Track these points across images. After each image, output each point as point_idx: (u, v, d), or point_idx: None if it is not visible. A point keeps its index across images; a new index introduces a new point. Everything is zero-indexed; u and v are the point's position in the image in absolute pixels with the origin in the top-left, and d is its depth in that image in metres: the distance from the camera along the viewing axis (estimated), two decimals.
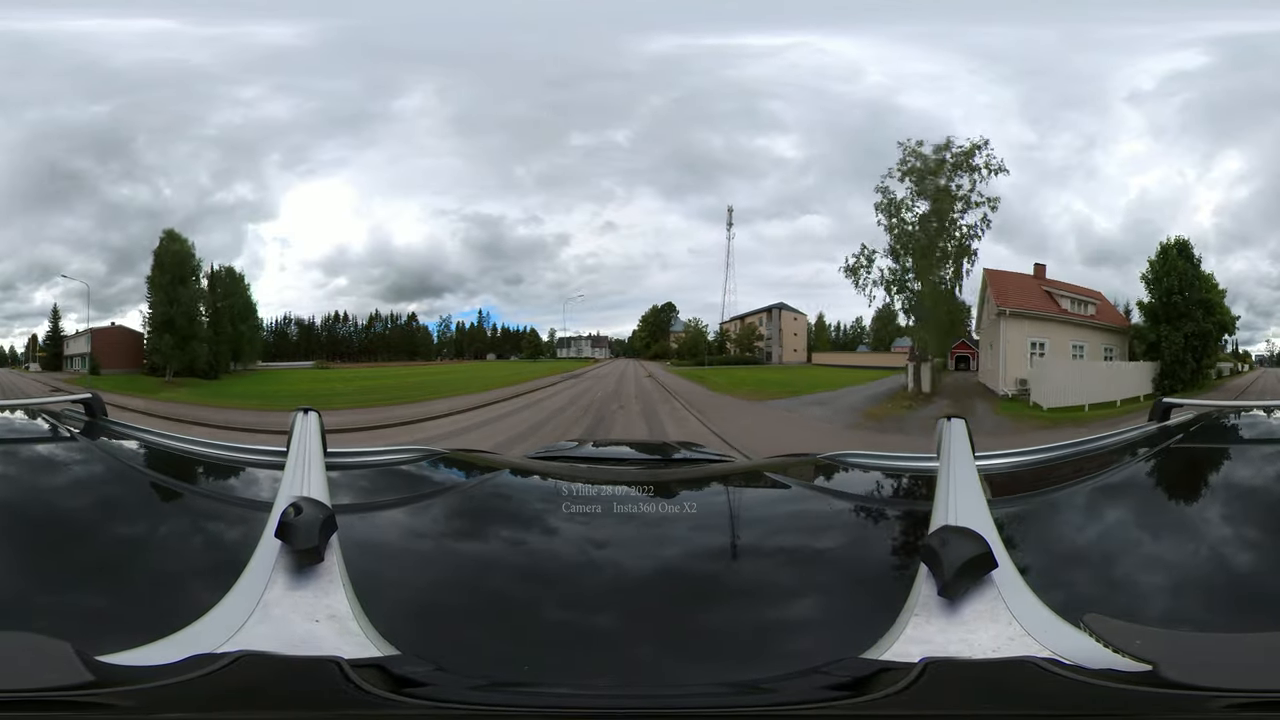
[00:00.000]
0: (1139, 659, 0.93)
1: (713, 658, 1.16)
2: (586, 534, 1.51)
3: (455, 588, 1.37)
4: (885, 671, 0.96)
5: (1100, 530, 1.45)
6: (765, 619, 1.27)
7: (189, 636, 1.01)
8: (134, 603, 1.19)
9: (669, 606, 1.30)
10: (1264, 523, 1.39)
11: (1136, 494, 1.62)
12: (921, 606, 1.08)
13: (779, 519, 1.74)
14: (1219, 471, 1.72)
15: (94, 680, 0.87)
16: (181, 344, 12.45)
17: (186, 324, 12.36)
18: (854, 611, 1.25)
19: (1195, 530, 1.41)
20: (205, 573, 1.24)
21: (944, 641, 1.03)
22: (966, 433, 1.54)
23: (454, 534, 1.62)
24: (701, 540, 1.55)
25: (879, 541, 1.54)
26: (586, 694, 1.06)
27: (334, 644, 1.03)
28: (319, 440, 1.54)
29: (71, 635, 0.91)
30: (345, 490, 1.62)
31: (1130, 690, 0.90)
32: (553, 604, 1.31)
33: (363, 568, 1.19)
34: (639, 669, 1.15)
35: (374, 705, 0.90)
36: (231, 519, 1.48)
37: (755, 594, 1.35)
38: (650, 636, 1.22)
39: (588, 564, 1.45)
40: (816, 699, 0.95)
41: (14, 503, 1.49)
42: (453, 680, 0.98)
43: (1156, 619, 1.15)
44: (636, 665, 1.16)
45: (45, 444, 1.82)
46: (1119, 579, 1.28)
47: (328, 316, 20.53)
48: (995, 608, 1.06)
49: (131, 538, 1.44)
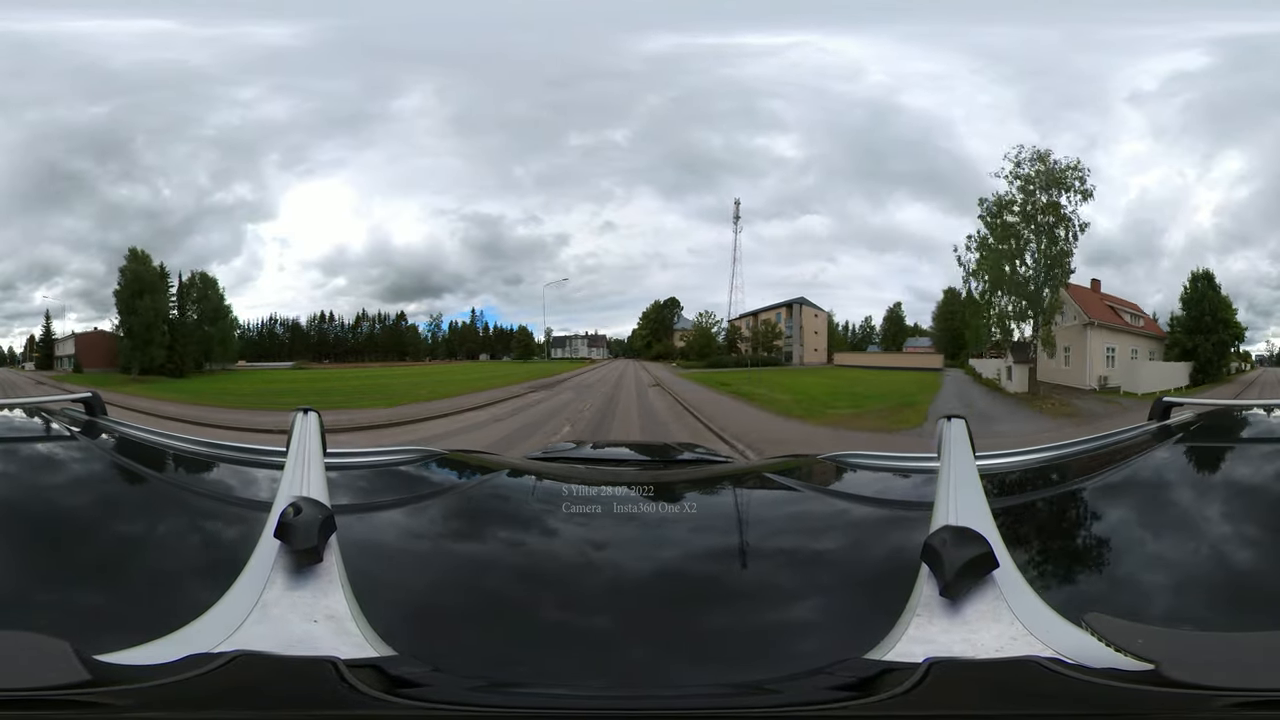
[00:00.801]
0: (1141, 658, 0.93)
1: (713, 659, 1.16)
2: (586, 535, 1.51)
3: (453, 588, 1.36)
4: (890, 672, 0.96)
5: (1101, 529, 1.45)
6: (766, 620, 1.26)
7: (187, 636, 1.01)
8: (133, 602, 1.19)
9: (669, 608, 1.30)
10: (1264, 521, 1.39)
11: (1137, 493, 1.62)
12: (924, 607, 1.07)
13: (780, 520, 1.74)
14: (1219, 470, 1.72)
15: (92, 679, 0.87)
16: (141, 347, 14.43)
17: (143, 331, 14.34)
18: (855, 612, 1.25)
19: (1196, 529, 1.40)
20: (204, 572, 1.24)
21: (947, 642, 1.03)
22: (967, 433, 1.54)
23: (453, 535, 1.61)
24: (702, 541, 1.55)
25: (880, 542, 1.54)
26: (584, 695, 1.06)
27: (332, 644, 1.03)
28: (318, 440, 1.54)
29: (70, 634, 0.91)
30: (344, 491, 1.62)
31: (1133, 689, 0.89)
32: (551, 605, 1.30)
33: (361, 568, 1.18)
34: (638, 670, 1.15)
35: (369, 706, 0.90)
36: (231, 518, 1.48)
37: (756, 595, 1.35)
38: (650, 638, 1.22)
39: (587, 565, 1.44)
40: (822, 700, 0.95)
41: (14, 501, 1.49)
42: (449, 681, 0.98)
43: (1158, 618, 1.15)
44: (635, 666, 1.16)
45: (45, 442, 1.82)
46: (1120, 578, 1.28)
47: (313, 317, 20.70)
48: (997, 607, 1.06)
49: (131, 536, 1.44)
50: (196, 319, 15.27)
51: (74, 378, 15.08)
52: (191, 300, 15.31)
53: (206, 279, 15.44)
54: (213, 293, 15.51)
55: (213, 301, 15.45)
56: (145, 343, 14.47)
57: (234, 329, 16.54)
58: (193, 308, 15.30)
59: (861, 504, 1.74)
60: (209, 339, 15.40)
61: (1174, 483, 1.66)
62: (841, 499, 1.78)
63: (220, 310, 15.57)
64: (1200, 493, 1.58)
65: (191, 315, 15.33)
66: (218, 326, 15.47)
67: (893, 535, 1.49)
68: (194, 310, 15.26)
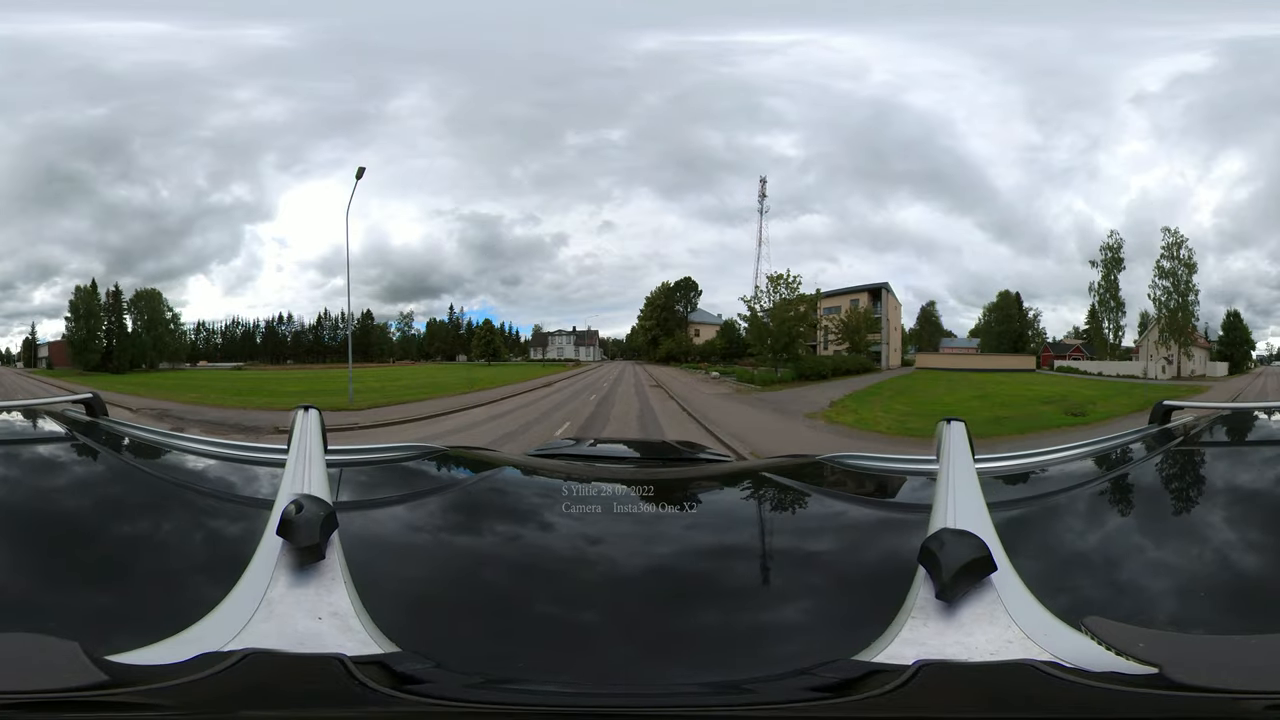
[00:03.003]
0: (1143, 662, 0.92)
1: (707, 659, 1.16)
2: (585, 532, 1.52)
3: (454, 585, 1.37)
4: (876, 673, 0.96)
5: (1101, 533, 1.46)
6: (760, 620, 1.27)
7: (195, 635, 1.02)
8: (139, 602, 1.20)
9: (665, 607, 1.31)
10: (1264, 525, 1.38)
11: (1137, 496, 1.63)
12: (918, 609, 1.07)
13: (777, 520, 1.75)
14: (1220, 474, 1.72)
15: (107, 680, 0.87)
16: (81, 353, 19.47)
17: (81, 341, 19.44)
18: (849, 613, 1.25)
19: (1196, 533, 1.41)
20: (208, 570, 1.25)
21: (940, 644, 1.03)
22: (966, 435, 1.54)
23: (453, 531, 1.62)
24: (700, 540, 1.56)
25: (876, 543, 1.54)
26: (578, 692, 1.06)
27: (336, 641, 1.04)
28: (319, 438, 1.54)
29: (78, 635, 0.91)
30: (346, 488, 1.63)
31: (1136, 693, 0.89)
32: (550, 602, 1.31)
33: (363, 565, 1.19)
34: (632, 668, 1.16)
35: (380, 703, 0.91)
36: (233, 516, 1.48)
37: (750, 595, 1.35)
38: (645, 636, 1.22)
39: (586, 563, 1.45)
40: (798, 699, 0.95)
41: (18, 503, 1.49)
42: (451, 677, 0.99)
43: (1159, 622, 1.15)
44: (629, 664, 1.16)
45: (46, 444, 1.82)
46: (1120, 582, 1.28)
47: (270, 319, 21.32)
48: (994, 610, 1.06)
49: (134, 536, 1.44)
50: (133, 329, 19.90)
51: (47, 372, 20.26)
52: (134, 314, 19.95)
53: (151, 295, 20.02)
54: (156, 306, 19.97)
55: (153, 314, 19.81)
56: (84, 349, 19.65)
57: (178, 335, 20.80)
58: (137, 321, 19.85)
59: (859, 505, 1.74)
60: (144, 344, 19.94)
61: (1174, 486, 1.66)
62: (839, 500, 1.79)
63: (159, 320, 19.90)
64: (1201, 496, 1.58)
65: (138, 326, 19.91)
66: (152, 334, 19.83)
67: (890, 537, 1.49)
68: (137, 322, 19.83)
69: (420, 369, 21.59)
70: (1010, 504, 1.49)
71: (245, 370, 21.56)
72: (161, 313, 20.03)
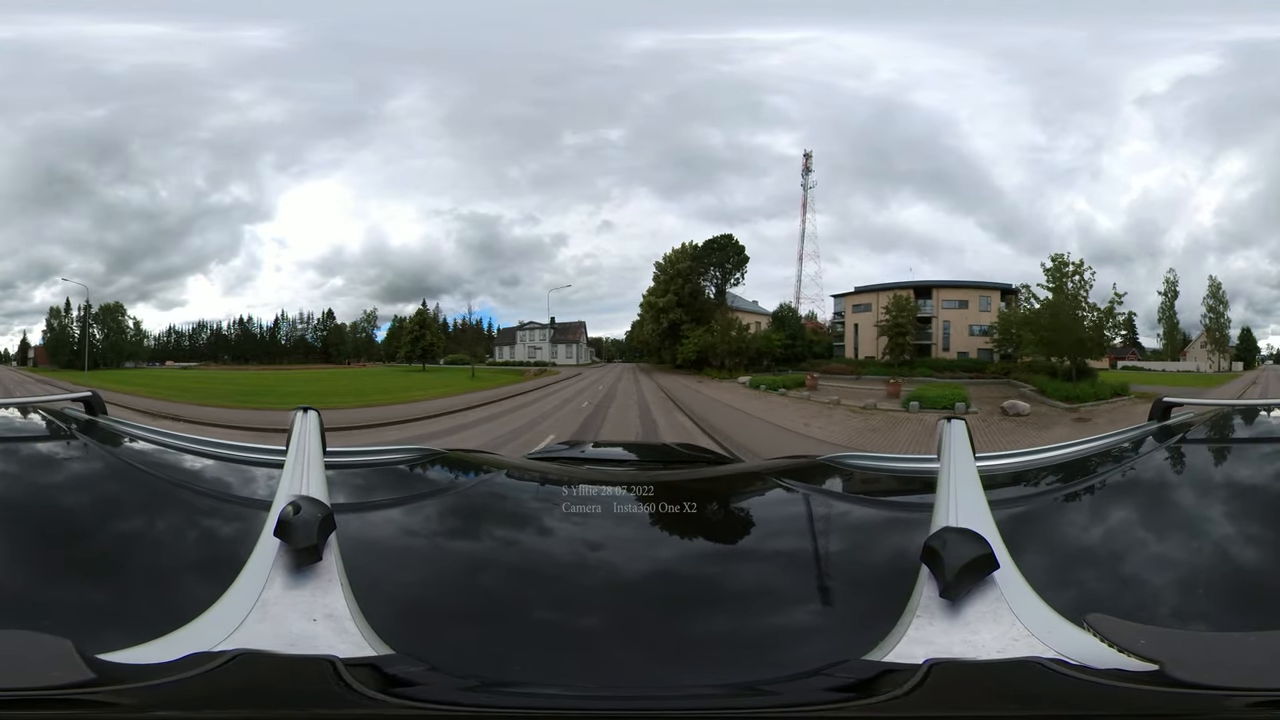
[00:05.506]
0: (1145, 658, 0.92)
1: (710, 660, 1.15)
2: (584, 535, 1.51)
3: (451, 587, 1.36)
4: (890, 673, 0.96)
5: (1102, 530, 1.45)
6: (764, 621, 1.26)
7: (188, 634, 1.01)
8: (134, 600, 1.19)
9: (666, 609, 1.30)
10: (1265, 521, 1.38)
11: (1138, 493, 1.62)
12: (923, 608, 1.07)
13: (778, 521, 1.74)
14: (1220, 470, 1.72)
15: (95, 679, 0.87)
16: (53, 354, 23.42)
17: (53, 345, 23.47)
18: (855, 614, 1.25)
19: (1197, 529, 1.40)
20: (204, 570, 1.24)
21: (947, 643, 1.02)
22: (967, 434, 1.53)
23: (451, 534, 1.61)
24: (700, 542, 1.55)
25: (879, 543, 1.54)
26: (578, 695, 1.05)
27: (331, 643, 1.03)
28: (318, 439, 1.53)
29: (71, 633, 0.91)
30: (344, 489, 1.62)
31: (1138, 689, 0.89)
32: (548, 605, 1.30)
33: (360, 567, 1.18)
34: (633, 671, 1.15)
35: (364, 705, 0.90)
36: (230, 517, 1.47)
37: (754, 596, 1.34)
38: (646, 639, 1.21)
39: (585, 565, 1.44)
40: (821, 701, 0.94)
41: (14, 500, 1.49)
42: (444, 680, 0.98)
43: (1161, 619, 1.15)
44: (631, 667, 1.15)
45: (45, 442, 1.81)
46: (1122, 578, 1.27)
47: (234, 320, 22.36)
48: (998, 608, 1.05)
49: (131, 535, 1.43)
50: (98, 335, 24.08)
51: (31, 369, 23.69)
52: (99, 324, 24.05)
53: (116, 308, 24.05)
54: (117, 318, 24.14)
55: (114, 323, 24.07)
56: (56, 351, 23.53)
57: (136, 340, 24.48)
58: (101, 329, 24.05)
59: (861, 505, 1.74)
60: (105, 348, 24.05)
61: (1175, 482, 1.66)
62: (841, 500, 1.78)
63: (120, 328, 24.09)
64: (1201, 492, 1.57)
65: (105, 332, 24.11)
66: (110, 340, 23.98)
67: (893, 536, 1.48)
68: (101, 330, 24.09)
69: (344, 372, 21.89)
70: (1011, 502, 1.49)
71: (193, 370, 24.80)
72: (123, 322, 24.26)
